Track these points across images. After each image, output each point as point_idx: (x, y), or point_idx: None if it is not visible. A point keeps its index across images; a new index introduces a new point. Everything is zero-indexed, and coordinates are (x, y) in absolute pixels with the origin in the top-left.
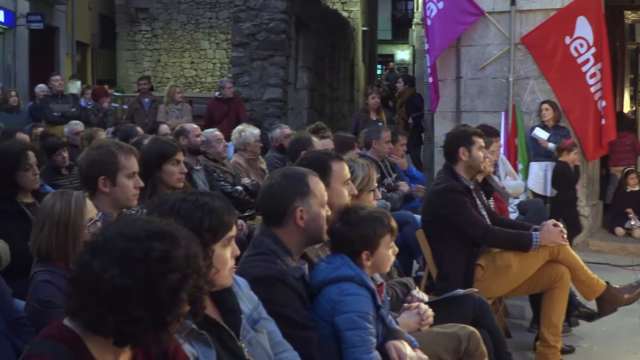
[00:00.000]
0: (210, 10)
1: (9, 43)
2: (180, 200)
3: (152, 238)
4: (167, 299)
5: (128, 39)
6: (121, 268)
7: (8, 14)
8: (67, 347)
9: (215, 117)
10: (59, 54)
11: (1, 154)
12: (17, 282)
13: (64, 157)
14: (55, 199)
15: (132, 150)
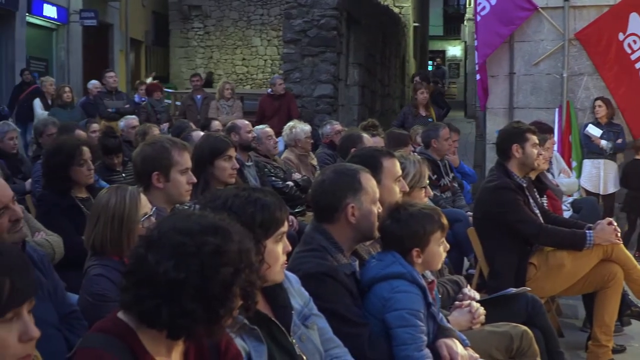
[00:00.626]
0: (262, 7)
1: (62, 39)
2: (233, 195)
3: (205, 232)
4: (219, 293)
5: (181, 36)
6: (175, 262)
7: (61, 10)
8: (120, 340)
9: (266, 114)
10: (113, 51)
11: (56, 149)
12: (71, 275)
13: (115, 162)
14: (110, 193)
15: (185, 146)
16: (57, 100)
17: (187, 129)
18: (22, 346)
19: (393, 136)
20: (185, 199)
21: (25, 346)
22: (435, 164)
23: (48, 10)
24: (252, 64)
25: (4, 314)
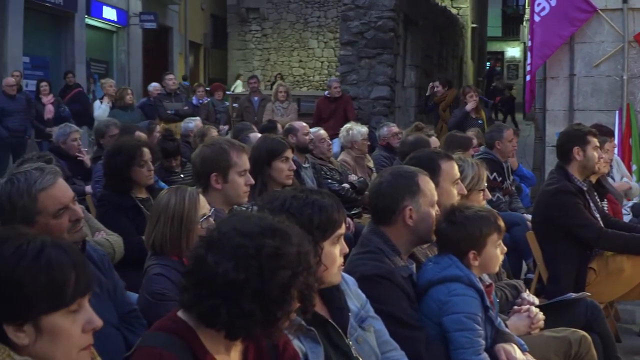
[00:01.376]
0: (319, 9)
1: (122, 42)
2: (291, 197)
3: (265, 234)
4: (277, 295)
5: (239, 38)
6: (235, 263)
7: (121, 13)
8: (180, 339)
9: (323, 115)
10: (172, 54)
11: (117, 150)
12: (131, 275)
13: (173, 165)
14: (170, 194)
15: (243, 148)
16: (119, 102)
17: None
18: (85, 336)
19: (454, 139)
20: (243, 200)
21: (88, 336)
22: (500, 165)
23: (107, 12)
24: (308, 66)
25: (70, 304)
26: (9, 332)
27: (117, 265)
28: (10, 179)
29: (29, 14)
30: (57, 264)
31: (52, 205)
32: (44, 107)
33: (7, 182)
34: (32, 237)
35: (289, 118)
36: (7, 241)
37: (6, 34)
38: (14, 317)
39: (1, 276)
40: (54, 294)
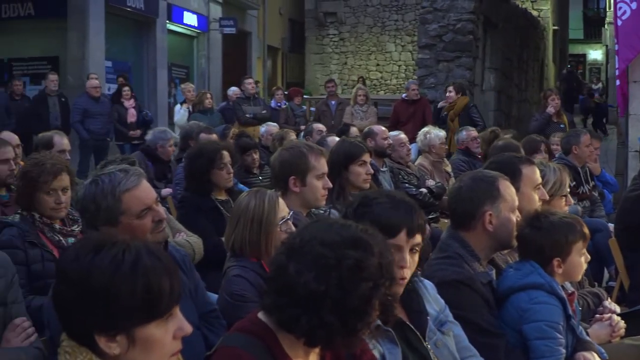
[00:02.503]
0: (397, 12)
1: (202, 47)
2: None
3: (346, 245)
4: (358, 306)
5: (316, 42)
6: (316, 273)
7: (201, 19)
8: (259, 341)
9: (401, 119)
10: (251, 58)
11: (198, 153)
12: (210, 276)
13: (254, 158)
14: (250, 197)
15: (322, 151)
16: (198, 106)
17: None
18: (175, 342)
19: (526, 142)
20: (321, 204)
21: (177, 342)
22: (575, 170)
23: (188, 18)
24: (386, 70)
25: (164, 315)
26: (100, 342)
27: (196, 266)
28: (95, 180)
29: (111, 18)
30: (153, 275)
31: (135, 206)
32: (126, 110)
33: (91, 183)
34: (127, 245)
35: (368, 121)
36: (103, 249)
37: (88, 39)
38: (107, 328)
39: (97, 286)
40: (149, 305)
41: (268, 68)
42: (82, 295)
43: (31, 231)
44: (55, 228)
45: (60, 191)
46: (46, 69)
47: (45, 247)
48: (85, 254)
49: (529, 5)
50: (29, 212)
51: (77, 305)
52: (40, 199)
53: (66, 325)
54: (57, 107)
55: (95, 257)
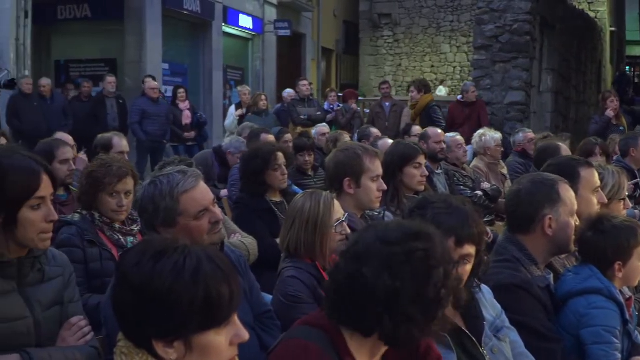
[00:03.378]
0: (452, 13)
1: (257, 49)
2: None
3: (410, 239)
4: (435, 294)
5: (371, 44)
6: (389, 272)
7: (257, 21)
8: (325, 334)
9: (456, 121)
10: (305, 60)
11: (253, 154)
12: (265, 277)
13: (307, 160)
14: (306, 198)
15: (377, 153)
16: (253, 108)
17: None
18: (232, 349)
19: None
20: (375, 206)
21: (234, 348)
22: (633, 173)
23: (244, 20)
24: (440, 71)
25: (222, 322)
26: (157, 347)
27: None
28: (154, 181)
29: (168, 21)
30: (213, 282)
31: (193, 207)
32: (181, 112)
33: (150, 184)
34: (189, 252)
35: None
36: (164, 255)
37: (145, 41)
38: (166, 334)
39: (158, 293)
40: (208, 313)
41: (322, 70)
42: (142, 301)
43: (90, 230)
44: (115, 227)
45: (123, 194)
46: (104, 71)
47: (104, 246)
48: (147, 260)
49: (586, 7)
50: (90, 211)
51: (137, 310)
52: (102, 200)
53: (124, 328)
54: (114, 109)
55: (157, 263)
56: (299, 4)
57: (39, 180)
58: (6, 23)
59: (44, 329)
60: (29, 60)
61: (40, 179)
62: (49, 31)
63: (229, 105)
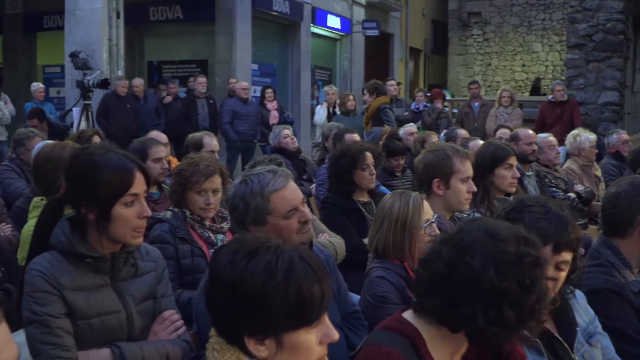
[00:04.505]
0: (544, 11)
1: (345, 49)
2: (527, 207)
3: (521, 242)
4: (534, 303)
5: (459, 43)
6: (496, 269)
7: (345, 22)
8: (406, 339)
9: (547, 121)
10: (393, 60)
11: (341, 153)
12: (352, 277)
13: (399, 163)
14: (395, 198)
15: (467, 154)
16: (341, 108)
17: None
18: (321, 348)
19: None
20: (465, 208)
21: (324, 347)
22: None
23: (332, 21)
24: (532, 70)
25: (313, 322)
26: (249, 344)
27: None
28: (245, 180)
29: (257, 22)
30: (304, 282)
31: (283, 206)
32: (269, 112)
33: (241, 182)
34: (281, 251)
35: (513, 124)
36: (257, 254)
37: (235, 42)
38: (257, 332)
39: (251, 291)
40: (300, 312)
41: (410, 70)
42: (234, 299)
43: (182, 227)
44: (205, 225)
45: (211, 192)
46: (195, 71)
47: (195, 243)
48: (240, 258)
49: None
50: (181, 208)
51: (229, 307)
52: (190, 198)
53: (216, 324)
54: (205, 109)
55: (250, 262)
56: (387, 4)
57: (132, 178)
58: (97, 22)
59: (137, 322)
60: (122, 61)
61: (133, 176)
62: (142, 32)
63: (316, 105)
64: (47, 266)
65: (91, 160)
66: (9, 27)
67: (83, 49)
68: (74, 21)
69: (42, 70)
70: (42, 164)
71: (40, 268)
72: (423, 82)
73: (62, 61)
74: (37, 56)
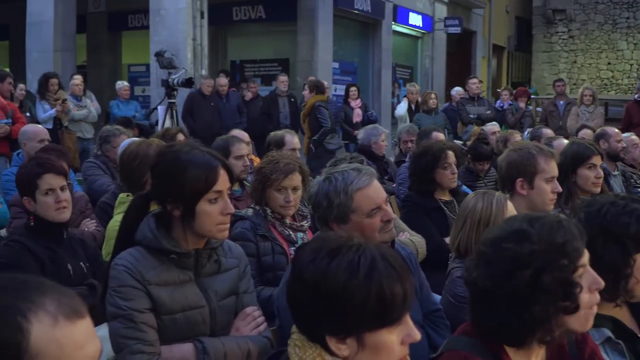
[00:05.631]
0: (628, 10)
1: (427, 47)
2: (609, 203)
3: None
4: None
5: (544, 40)
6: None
7: (426, 19)
8: (483, 344)
9: (633, 121)
10: (476, 57)
11: (423, 152)
12: (432, 276)
13: (484, 168)
14: (478, 198)
15: (552, 154)
16: (423, 106)
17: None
18: (403, 348)
19: None
20: (549, 208)
21: (405, 348)
22: None
23: (413, 18)
24: (617, 69)
25: (396, 322)
26: (330, 343)
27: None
28: (328, 178)
29: (338, 21)
30: (387, 282)
31: (366, 205)
32: (352, 110)
33: (325, 180)
34: (363, 250)
35: (594, 123)
36: (339, 253)
37: (317, 41)
38: (338, 331)
39: (332, 290)
40: (381, 312)
41: (493, 68)
42: (315, 298)
43: (263, 225)
44: (286, 223)
45: (291, 190)
46: (277, 70)
47: (276, 240)
48: (322, 257)
49: None
50: (262, 206)
51: (311, 305)
52: (270, 195)
53: (298, 322)
54: (286, 107)
55: (332, 261)
56: (470, 1)
57: (217, 175)
58: (182, 22)
59: (219, 318)
60: (205, 60)
61: (217, 173)
62: (225, 32)
63: (396, 104)
64: (132, 261)
65: (177, 158)
66: (93, 25)
67: (168, 49)
68: (159, 21)
69: (127, 69)
70: (129, 161)
71: (125, 263)
72: (506, 80)
73: (147, 60)
74: (122, 55)
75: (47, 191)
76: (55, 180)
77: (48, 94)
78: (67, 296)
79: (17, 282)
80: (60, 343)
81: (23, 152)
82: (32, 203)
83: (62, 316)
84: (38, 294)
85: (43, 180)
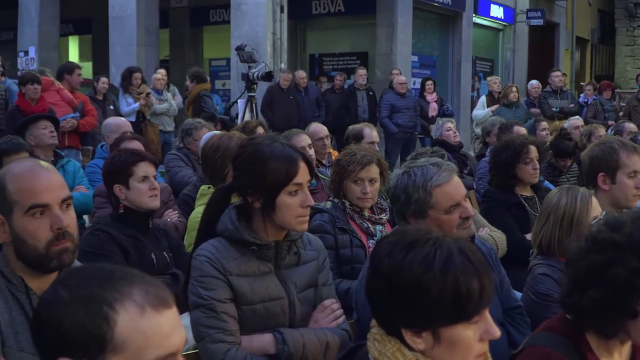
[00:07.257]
0: None
1: (508, 39)
2: None
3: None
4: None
5: (627, 34)
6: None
7: (508, 11)
8: (567, 340)
9: None
10: (558, 50)
11: (504, 146)
12: (512, 273)
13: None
14: (562, 194)
15: (635, 148)
16: (503, 100)
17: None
18: (482, 345)
19: None
20: (633, 204)
21: (484, 344)
22: None
23: (495, 10)
24: None
25: (471, 318)
26: (406, 336)
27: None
28: (407, 172)
29: (418, 14)
30: (462, 276)
31: (445, 201)
32: (428, 104)
33: (404, 174)
34: (440, 244)
35: None
36: (415, 246)
37: (396, 35)
38: (414, 324)
39: (407, 283)
40: (457, 307)
41: (576, 60)
42: (392, 290)
43: (341, 218)
44: (365, 216)
45: (368, 182)
46: (355, 64)
47: (354, 233)
48: (398, 250)
49: None
50: (340, 199)
51: (387, 298)
52: (348, 187)
53: (376, 315)
54: (365, 101)
55: (408, 254)
56: None
57: (297, 167)
58: (262, 17)
59: (298, 309)
60: (285, 54)
61: (297, 166)
62: (304, 26)
63: (476, 98)
64: (214, 252)
65: (258, 150)
66: (176, 20)
67: (248, 43)
68: (240, 16)
69: (208, 63)
70: (211, 153)
71: (207, 254)
72: (589, 73)
73: (227, 54)
74: (203, 49)
75: (143, 178)
76: (150, 169)
77: (131, 87)
78: (154, 286)
79: (104, 271)
80: (147, 333)
81: (106, 145)
82: (125, 190)
83: (149, 306)
84: (125, 283)
85: (139, 168)
